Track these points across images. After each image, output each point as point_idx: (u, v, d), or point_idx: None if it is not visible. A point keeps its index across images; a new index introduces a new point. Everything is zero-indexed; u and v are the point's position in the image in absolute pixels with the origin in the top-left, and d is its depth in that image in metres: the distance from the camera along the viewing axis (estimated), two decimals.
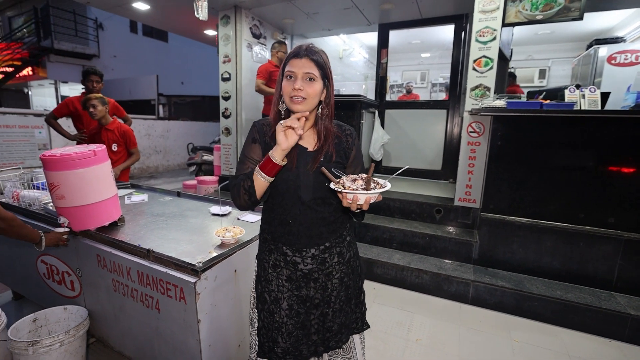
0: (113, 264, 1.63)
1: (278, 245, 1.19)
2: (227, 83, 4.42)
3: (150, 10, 4.47)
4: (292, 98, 1.06)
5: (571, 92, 2.65)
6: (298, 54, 1.07)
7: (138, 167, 8.26)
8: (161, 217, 1.99)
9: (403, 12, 4.26)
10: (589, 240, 2.56)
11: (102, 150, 1.68)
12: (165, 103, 10.99)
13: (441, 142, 4.50)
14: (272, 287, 1.21)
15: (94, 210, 1.66)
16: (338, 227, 1.21)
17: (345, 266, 1.24)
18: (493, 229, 2.84)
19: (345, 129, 1.23)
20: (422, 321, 2.45)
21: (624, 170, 2.47)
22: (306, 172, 1.12)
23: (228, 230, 1.60)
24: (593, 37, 5.37)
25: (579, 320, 2.37)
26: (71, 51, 10.53)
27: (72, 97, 3.53)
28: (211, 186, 4.76)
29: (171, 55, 14.05)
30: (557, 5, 2.82)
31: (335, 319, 1.23)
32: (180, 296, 1.39)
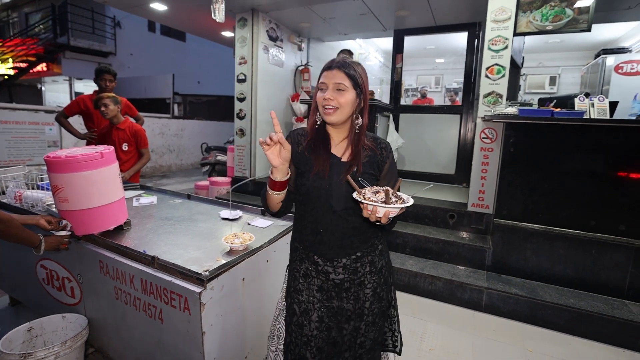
0: (116, 271, 1.55)
1: (309, 254, 1.19)
2: (243, 84, 4.48)
3: (167, 10, 4.54)
4: (324, 108, 1.09)
5: (581, 100, 2.68)
6: (330, 67, 1.10)
7: (150, 166, 8.28)
8: (169, 221, 1.93)
9: (418, 19, 4.31)
10: (600, 248, 2.58)
11: (109, 152, 1.61)
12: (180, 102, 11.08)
13: (454, 146, 4.53)
14: (303, 298, 1.19)
15: (99, 214, 1.59)
16: (370, 237, 1.20)
17: (377, 276, 1.21)
18: (506, 235, 2.86)
19: (380, 142, 1.22)
20: (435, 330, 2.44)
21: (634, 177, 2.49)
22: (339, 182, 1.12)
23: (237, 236, 1.54)
24: (601, 47, 5.47)
25: (593, 329, 2.38)
26: (87, 48, 10.67)
27: (84, 95, 3.52)
28: (224, 187, 4.78)
29: (189, 55, 14.16)
30: (566, 17, 2.88)
31: (368, 334, 1.19)
32: (185, 307, 1.32)
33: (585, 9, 2.82)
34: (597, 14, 2.88)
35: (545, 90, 6.58)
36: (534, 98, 3.83)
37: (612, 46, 5.41)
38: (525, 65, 5.86)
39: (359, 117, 1.15)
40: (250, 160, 4.61)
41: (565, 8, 2.86)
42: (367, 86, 1.15)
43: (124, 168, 2.95)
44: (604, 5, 3.42)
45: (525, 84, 6.74)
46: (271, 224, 1.95)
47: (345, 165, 1.14)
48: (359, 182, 1.06)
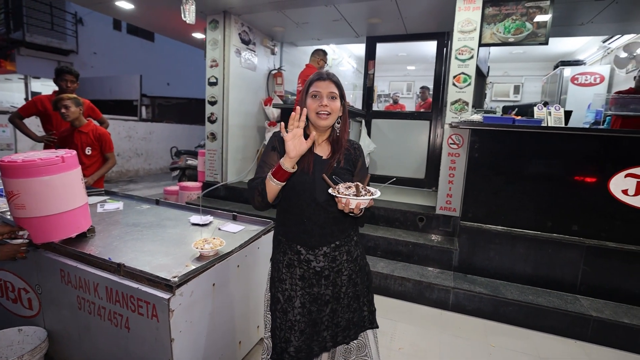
0: (79, 280, 1.50)
1: (292, 245, 1.31)
2: (214, 88, 4.40)
3: (135, 9, 4.36)
4: (319, 114, 1.23)
5: (539, 109, 2.87)
6: (322, 77, 1.26)
7: (116, 171, 7.93)
8: (137, 228, 1.89)
9: (389, 26, 4.41)
10: (556, 247, 2.75)
11: (71, 157, 1.55)
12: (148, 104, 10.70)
13: (424, 151, 4.66)
14: (286, 286, 1.31)
15: (59, 220, 1.52)
16: (347, 227, 1.34)
17: (353, 264, 1.36)
18: (472, 236, 2.98)
19: (353, 143, 1.41)
20: (405, 329, 2.51)
21: (586, 180, 2.69)
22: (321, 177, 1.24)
23: (207, 241, 1.55)
24: (559, 59, 5.87)
25: (549, 322, 2.53)
26: (45, 45, 10.05)
27: (42, 96, 3.31)
28: (194, 193, 4.66)
29: (157, 55, 13.67)
30: (527, 31, 3.08)
31: (344, 315, 1.33)
32: (153, 314, 1.31)
33: (543, 24, 3.03)
34: (554, 28, 3.08)
35: (510, 98, 6.91)
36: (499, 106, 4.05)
37: (569, 58, 5.82)
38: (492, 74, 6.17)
39: (341, 122, 1.33)
40: (222, 165, 4.51)
41: (526, 22, 3.06)
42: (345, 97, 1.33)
43: (87, 173, 2.83)
44: (560, 20, 3.66)
45: (491, 92, 7.04)
46: (242, 228, 1.95)
47: (327, 161, 1.30)
48: (333, 180, 1.19)
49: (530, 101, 4.18)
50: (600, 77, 5.06)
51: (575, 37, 4.97)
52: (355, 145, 1.41)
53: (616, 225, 2.63)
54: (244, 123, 4.75)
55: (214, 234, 1.81)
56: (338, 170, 1.29)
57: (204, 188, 4.66)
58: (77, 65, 10.98)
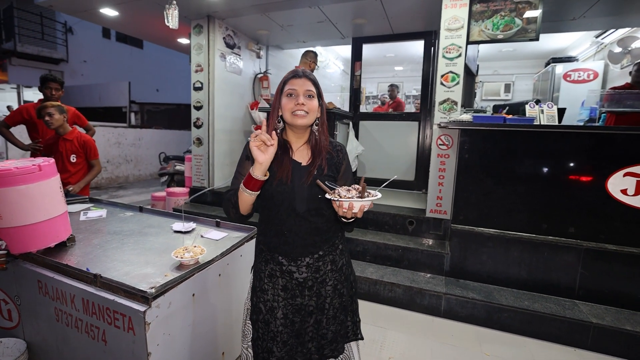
0: (56, 291, 1.48)
1: (274, 255, 1.25)
2: (200, 92, 4.34)
3: (119, 17, 4.31)
4: (295, 113, 1.16)
5: (531, 107, 2.78)
6: (297, 75, 1.19)
7: (106, 177, 7.94)
8: (118, 236, 1.86)
9: (375, 27, 4.34)
10: (552, 250, 2.65)
11: (48, 165, 1.54)
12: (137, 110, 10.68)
13: (414, 153, 4.58)
14: (268, 297, 1.25)
15: (37, 230, 1.51)
16: (331, 237, 1.28)
17: (338, 274, 1.29)
18: (463, 240, 2.89)
19: (336, 145, 1.32)
20: (395, 337, 2.43)
21: (581, 180, 2.59)
22: (301, 185, 1.19)
23: (188, 250, 1.50)
24: (550, 56, 5.80)
25: (545, 330, 2.43)
26: (36, 55, 10.13)
27: (27, 104, 3.35)
28: (181, 198, 4.61)
29: (146, 62, 13.75)
30: (516, 27, 2.99)
31: (330, 326, 1.26)
32: (129, 326, 1.27)
33: (533, 19, 2.94)
34: (544, 24, 3.00)
35: (500, 97, 6.84)
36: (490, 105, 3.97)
37: (561, 55, 5.73)
38: (481, 73, 6.12)
39: (320, 123, 1.25)
40: (209, 170, 4.44)
41: (515, 18, 2.97)
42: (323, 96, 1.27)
43: (72, 180, 2.85)
44: (551, 15, 3.59)
45: (481, 92, 6.98)
46: (225, 235, 1.90)
47: (306, 168, 1.22)
48: (328, 185, 1.12)
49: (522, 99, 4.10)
50: (593, 73, 4.99)
51: (567, 33, 4.91)
52: (338, 147, 1.33)
53: (615, 226, 2.53)
54: (230, 128, 4.68)
55: (196, 241, 1.76)
56: (320, 178, 1.20)
57: (191, 194, 4.59)
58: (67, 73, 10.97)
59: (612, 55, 4.44)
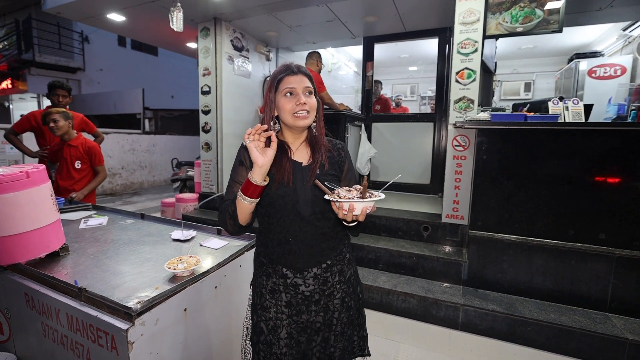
0: (42, 305, 1.40)
1: (277, 267, 1.15)
2: (207, 96, 4.30)
3: (126, 21, 4.33)
4: (297, 114, 1.07)
5: (555, 104, 2.59)
6: (292, 71, 1.10)
7: (121, 184, 8.08)
8: (114, 245, 1.79)
9: (387, 25, 4.23)
10: (580, 258, 2.44)
11: (37, 172, 1.48)
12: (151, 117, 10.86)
13: (429, 155, 4.42)
14: (270, 315, 1.16)
15: (26, 240, 1.45)
16: (338, 244, 1.20)
17: (346, 285, 1.21)
18: (482, 247, 2.70)
19: (336, 143, 1.25)
20: (409, 351, 2.29)
21: (612, 182, 2.38)
22: (304, 187, 1.11)
23: (182, 260, 1.41)
24: (573, 52, 5.54)
25: (574, 345, 2.22)
26: (54, 64, 10.41)
27: (35, 112, 3.37)
28: (190, 204, 4.57)
29: (161, 69, 14.00)
30: (537, 18, 2.80)
31: (338, 344, 1.18)
32: (112, 346, 1.18)
33: (555, 10, 2.76)
34: (568, 16, 2.83)
35: (520, 96, 6.62)
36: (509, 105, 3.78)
37: (585, 50, 5.48)
38: (500, 72, 5.91)
39: (318, 120, 1.18)
40: (217, 175, 4.40)
41: (535, 9, 2.79)
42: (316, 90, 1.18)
43: (77, 186, 2.84)
44: (574, 6, 3.39)
45: (500, 91, 6.78)
46: (225, 244, 1.82)
47: (308, 168, 1.14)
48: (327, 186, 1.04)
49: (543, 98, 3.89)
50: (621, 68, 4.67)
51: (591, 26, 4.65)
52: (339, 145, 1.25)
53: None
54: (239, 132, 4.63)
55: (193, 250, 1.70)
56: (323, 177, 1.13)
57: (200, 199, 4.53)
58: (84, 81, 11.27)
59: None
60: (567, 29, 2.82)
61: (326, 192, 0.99)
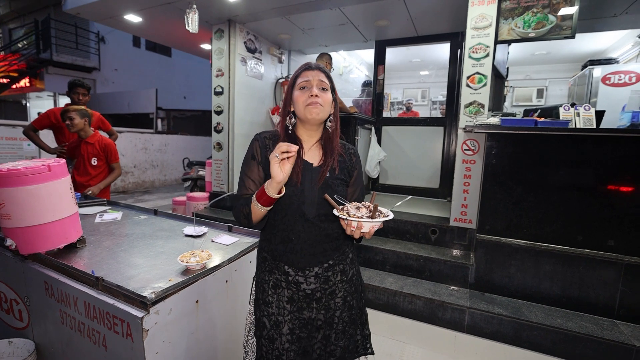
0: (60, 293, 1.46)
1: (279, 264, 1.17)
2: (220, 97, 4.38)
3: (143, 22, 4.43)
4: (308, 104, 1.08)
5: (566, 110, 2.59)
6: (310, 67, 1.13)
7: (133, 182, 8.20)
8: (129, 238, 1.85)
9: (399, 29, 4.25)
10: (588, 264, 2.44)
11: (58, 165, 1.53)
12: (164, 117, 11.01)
13: (438, 159, 4.43)
14: (272, 310, 1.18)
15: (46, 231, 1.50)
16: (341, 244, 1.20)
17: (348, 284, 1.22)
18: (489, 251, 2.71)
19: (349, 148, 1.25)
20: (414, 352, 2.31)
21: (622, 190, 2.37)
22: (311, 188, 1.12)
23: (194, 254, 1.46)
24: (587, 58, 5.47)
25: (581, 351, 2.22)
26: (71, 63, 10.65)
27: (55, 109, 3.45)
28: (201, 203, 4.64)
29: (175, 70, 14.20)
30: (549, 24, 2.81)
31: (339, 342, 1.19)
32: (127, 333, 1.23)
33: (568, 16, 2.76)
34: (582, 22, 2.83)
35: (532, 102, 6.57)
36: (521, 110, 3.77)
37: (599, 57, 5.41)
38: (512, 77, 5.88)
39: (333, 121, 1.18)
40: (228, 175, 4.46)
41: (548, 15, 2.80)
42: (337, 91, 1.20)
43: (92, 183, 2.91)
44: (589, 12, 3.38)
45: (512, 97, 6.73)
46: (236, 240, 1.86)
47: (318, 169, 1.15)
48: (336, 200, 1.06)
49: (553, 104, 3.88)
50: (636, 75, 4.61)
51: (606, 32, 4.60)
52: (351, 150, 1.26)
53: None
54: (250, 132, 4.69)
55: (204, 246, 1.74)
56: (332, 180, 1.14)
57: (211, 198, 4.60)
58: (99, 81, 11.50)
59: None
60: (581, 35, 2.82)
61: (335, 207, 1.01)
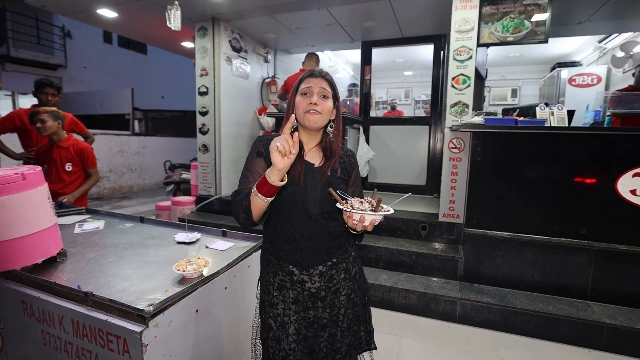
0: (42, 312, 1.33)
1: (283, 265, 1.18)
2: (205, 97, 4.28)
3: (119, 18, 4.18)
4: (307, 112, 1.10)
5: (542, 109, 2.79)
6: (314, 74, 1.15)
7: (109, 187, 7.78)
8: (115, 249, 1.73)
9: (384, 30, 4.34)
10: (564, 252, 2.65)
11: (34, 173, 1.39)
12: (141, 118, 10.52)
13: (425, 157, 4.58)
14: (278, 311, 1.18)
15: (22, 245, 1.35)
16: (343, 242, 1.23)
17: (352, 282, 1.24)
18: (477, 244, 2.87)
19: (347, 151, 1.29)
20: (411, 345, 2.38)
21: (590, 182, 2.60)
22: (314, 187, 1.14)
23: (190, 262, 1.39)
24: (555, 61, 5.87)
25: (560, 332, 2.43)
26: (32, 60, 9.79)
27: (20, 110, 3.17)
28: (187, 207, 4.48)
29: (151, 68, 13.47)
30: (525, 29, 3.01)
31: (344, 339, 1.21)
32: (124, 349, 1.15)
33: (542, 22, 2.96)
34: (552, 28, 3.01)
35: (507, 102, 6.91)
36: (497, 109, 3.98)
37: (566, 60, 5.81)
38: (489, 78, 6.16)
39: (333, 125, 1.20)
40: (216, 177, 4.37)
41: (524, 20, 2.99)
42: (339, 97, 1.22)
43: (67, 190, 2.69)
44: (558, 19, 3.60)
45: (489, 96, 7.04)
46: (232, 245, 1.79)
47: (319, 169, 1.17)
48: (340, 195, 1.07)
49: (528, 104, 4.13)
50: (597, 77, 5.05)
51: (571, 38, 4.96)
52: (349, 153, 1.30)
53: (626, 227, 2.54)
54: (237, 133, 4.63)
55: (200, 252, 1.67)
56: (333, 180, 1.16)
57: (197, 202, 4.49)
58: (66, 80, 10.78)
59: (615, 59, 4.50)
60: (550, 39, 3.04)
61: (339, 200, 1.03)
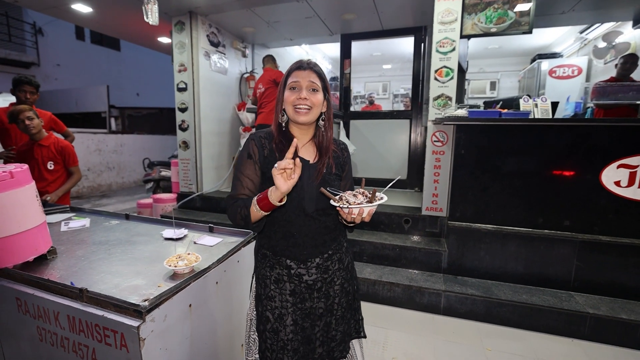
0: (37, 309, 1.36)
1: (280, 259, 1.20)
2: (184, 94, 4.17)
3: (93, 13, 4.08)
4: (297, 108, 1.09)
5: (525, 101, 2.79)
6: (301, 66, 1.12)
7: (88, 186, 7.65)
8: (104, 246, 1.74)
9: (364, 23, 4.29)
10: (548, 244, 2.66)
11: (22, 171, 1.41)
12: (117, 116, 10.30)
13: (405, 151, 4.56)
14: (275, 304, 1.20)
15: (12, 243, 1.38)
16: (338, 235, 1.25)
17: (345, 272, 1.27)
18: (460, 237, 2.87)
19: (340, 143, 1.29)
20: (397, 337, 2.39)
21: (574, 174, 2.61)
22: (310, 184, 1.14)
23: (181, 258, 1.41)
24: (535, 53, 5.86)
25: (544, 322, 2.44)
26: (4, 58, 9.55)
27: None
28: (169, 204, 4.44)
29: (125, 65, 13.27)
30: (509, 19, 2.98)
31: (339, 327, 1.24)
32: (122, 344, 1.17)
33: (526, 12, 2.92)
34: (535, 18, 2.99)
35: (486, 94, 6.92)
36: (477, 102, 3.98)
37: (546, 51, 5.80)
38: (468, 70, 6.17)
39: (326, 119, 1.19)
40: (197, 174, 4.29)
41: (508, 10, 2.95)
42: (330, 89, 1.18)
43: (50, 189, 2.69)
44: (541, 9, 3.58)
45: (468, 89, 7.04)
46: (220, 241, 1.81)
47: (315, 166, 1.16)
48: (332, 192, 1.07)
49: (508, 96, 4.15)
50: (578, 69, 5.06)
51: (552, 29, 4.96)
52: (342, 145, 1.29)
53: (609, 218, 2.56)
54: (217, 129, 4.54)
55: (189, 248, 1.66)
56: (328, 177, 1.17)
57: (179, 199, 4.41)
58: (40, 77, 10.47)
59: (596, 50, 4.48)
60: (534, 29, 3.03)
61: (333, 199, 1.02)
